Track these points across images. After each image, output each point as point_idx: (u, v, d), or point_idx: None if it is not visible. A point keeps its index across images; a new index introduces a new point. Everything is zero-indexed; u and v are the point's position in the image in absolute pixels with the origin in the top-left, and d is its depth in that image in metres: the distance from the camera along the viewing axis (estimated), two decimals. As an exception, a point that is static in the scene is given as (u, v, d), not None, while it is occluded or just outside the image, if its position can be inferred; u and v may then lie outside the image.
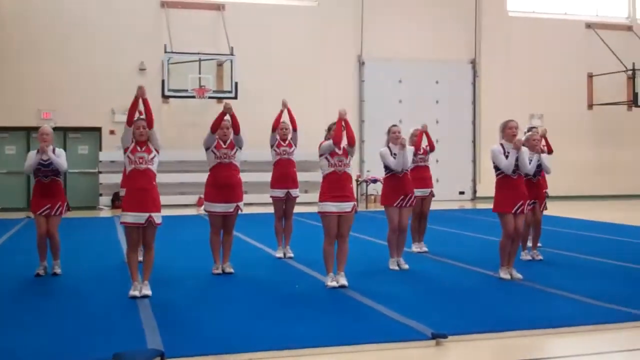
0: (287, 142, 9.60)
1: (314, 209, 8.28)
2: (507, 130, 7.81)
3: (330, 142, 7.41)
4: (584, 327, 5.82)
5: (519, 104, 22.01)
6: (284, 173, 9.53)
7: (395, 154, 8.50)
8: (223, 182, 8.15)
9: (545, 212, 9.51)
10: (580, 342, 5.64)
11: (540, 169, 9.00)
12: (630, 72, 22.10)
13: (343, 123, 7.36)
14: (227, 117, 8.07)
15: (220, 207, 8.17)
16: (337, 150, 7.42)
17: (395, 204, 8.50)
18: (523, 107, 22.21)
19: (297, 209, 10.02)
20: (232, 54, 19.06)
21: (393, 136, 8.55)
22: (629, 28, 23.76)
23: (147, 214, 6.85)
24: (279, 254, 9.56)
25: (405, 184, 8.57)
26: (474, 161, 22.48)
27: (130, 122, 6.92)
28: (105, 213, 18.05)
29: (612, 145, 23.38)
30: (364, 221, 13.61)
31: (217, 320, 5.98)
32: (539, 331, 5.69)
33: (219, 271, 8.25)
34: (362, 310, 6.36)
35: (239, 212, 8.30)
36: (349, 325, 5.82)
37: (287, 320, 6.01)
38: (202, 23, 20.26)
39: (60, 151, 8.17)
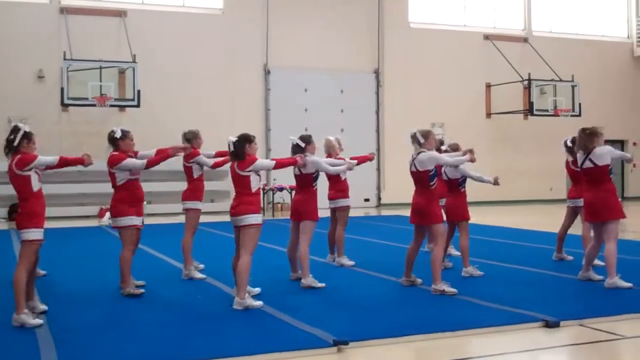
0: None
1: (221, 218, 8.21)
2: (433, 139, 7.97)
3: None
4: (486, 329, 6.01)
5: (420, 113, 22.61)
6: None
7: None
8: (139, 197, 7.81)
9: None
10: (482, 343, 5.83)
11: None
12: (525, 82, 23.03)
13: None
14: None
15: (138, 220, 7.73)
16: None
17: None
18: (424, 116, 22.81)
19: (202, 219, 9.81)
20: (134, 62, 18.68)
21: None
22: (525, 40, 24.79)
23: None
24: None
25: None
26: (379, 169, 22.87)
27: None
28: (2, 225, 17.31)
29: (509, 152, 24.33)
30: (271, 230, 13.59)
31: (119, 339, 5.81)
32: (440, 334, 5.83)
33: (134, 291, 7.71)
34: (265, 320, 6.36)
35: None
36: (251, 335, 5.81)
37: (189, 333, 5.93)
38: (103, 30, 19.76)
39: None
